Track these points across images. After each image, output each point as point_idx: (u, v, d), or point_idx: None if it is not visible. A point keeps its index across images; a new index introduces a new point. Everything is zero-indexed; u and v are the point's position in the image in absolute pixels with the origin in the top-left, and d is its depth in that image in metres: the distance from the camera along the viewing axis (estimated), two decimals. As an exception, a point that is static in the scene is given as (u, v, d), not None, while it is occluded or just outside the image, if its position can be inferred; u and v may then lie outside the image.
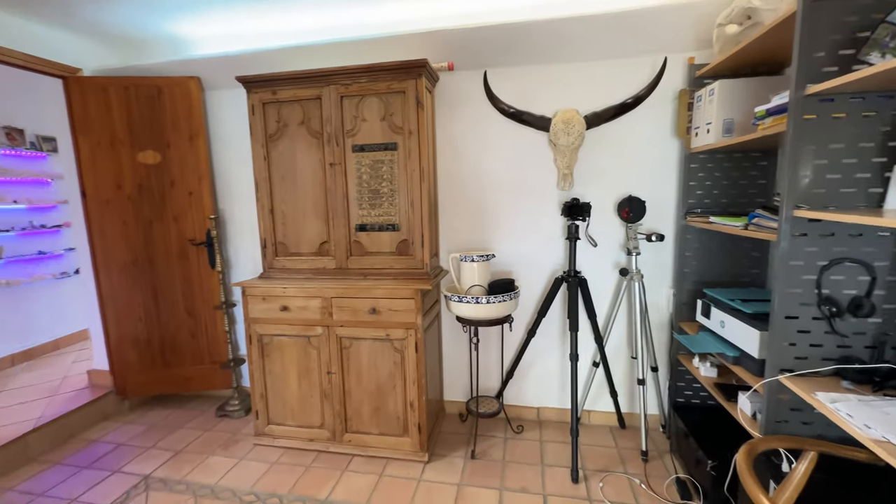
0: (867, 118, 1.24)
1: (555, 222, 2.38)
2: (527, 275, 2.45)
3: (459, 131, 2.42)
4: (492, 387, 2.60)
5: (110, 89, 2.50)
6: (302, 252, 2.34)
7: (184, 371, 2.79)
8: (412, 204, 2.18)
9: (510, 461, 2.18)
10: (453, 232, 2.52)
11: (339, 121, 2.19)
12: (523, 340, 2.43)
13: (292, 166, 2.28)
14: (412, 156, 2.14)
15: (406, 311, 2.09)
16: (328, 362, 2.21)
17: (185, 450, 2.35)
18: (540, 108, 2.27)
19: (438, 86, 2.39)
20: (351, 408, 2.23)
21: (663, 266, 2.31)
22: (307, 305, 2.20)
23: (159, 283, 2.68)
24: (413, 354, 2.11)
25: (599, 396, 2.49)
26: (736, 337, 1.68)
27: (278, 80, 2.19)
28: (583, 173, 2.31)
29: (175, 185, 2.60)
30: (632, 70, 2.17)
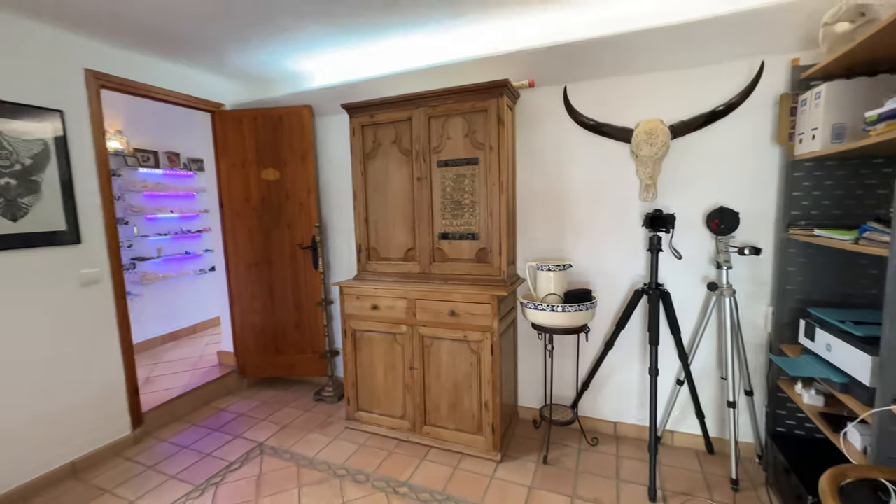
0: None
1: (636, 234, 2.35)
2: (605, 286, 2.44)
3: (539, 144, 2.50)
4: (566, 396, 2.61)
5: (244, 119, 3.03)
6: (391, 257, 2.60)
7: (289, 358, 3.22)
8: (491, 214, 2.31)
9: (583, 471, 2.18)
10: (531, 241, 2.60)
11: (426, 139, 2.41)
12: (600, 352, 2.41)
13: (384, 180, 2.56)
14: (492, 169, 2.28)
15: (483, 315, 2.22)
16: (411, 358, 2.42)
17: (289, 425, 2.72)
18: (622, 119, 2.27)
19: (519, 102, 2.51)
20: (430, 402, 2.41)
21: (761, 282, 2.15)
22: (394, 305, 2.44)
23: (274, 282, 3.15)
24: (488, 357, 2.23)
25: (684, 417, 2.37)
26: (844, 362, 1.53)
27: (376, 106, 2.49)
28: (667, 184, 2.25)
29: (289, 198, 3.06)
30: (723, 76, 2.08)
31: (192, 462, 2.35)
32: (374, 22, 2.19)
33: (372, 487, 2.09)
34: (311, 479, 2.17)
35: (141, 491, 2.11)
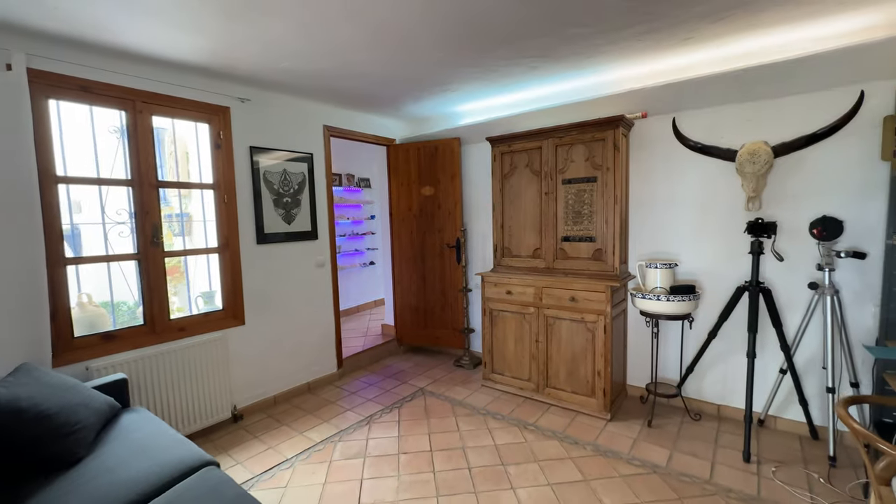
0: None
1: (740, 239, 2.70)
2: (710, 284, 2.83)
3: (649, 164, 3.00)
4: (671, 378, 3.02)
5: (410, 149, 4.07)
6: (521, 255, 3.33)
7: (435, 332, 4.16)
8: (606, 221, 2.89)
9: (684, 436, 2.61)
10: (642, 244, 3.09)
11: (553, 162, 3.09)
12: (704, 341, 2.80)
13: (518, 195, 3.31)
14: (608, 186, 2.86)
15: (598, 302, 2.81)
16: (536, 333, 3.11)
17: (439, 379, 3.62)
18: (727, 141, 2.67)
19: (634, 130, 3.05)
20: (551, 369, 3.07)
21: (868, 284, 2.36)
22: (524, 292, 3.15)
23: (426, 272, 4.12)
24: (602, 335, 2.81)
25: (788, 404, 2.63)
26: (927, 348, 1.80)
27: (513, 138, 3.26)
28: (773, 196, 2.58)
29: (440, 208, 4.00)
30: (824, 102, 2.37)
31: (378, 393, 3.36)
32: (518, 79, 2.96)
33: (507, 423, 2.83)
34: (462, 413, 2.99)
35: (353, 404, 3.17)
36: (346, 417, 2.97)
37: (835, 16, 2.09)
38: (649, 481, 2.17)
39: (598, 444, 2.54)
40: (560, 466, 2.32)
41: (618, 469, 2.28)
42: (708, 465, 2.31)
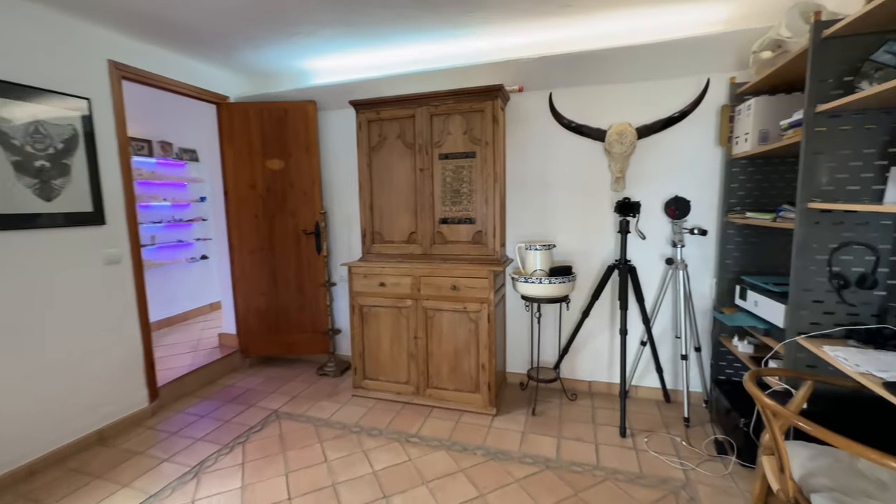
0: (869, 130, 1.56)
1: (608, 219, 2.77)
2: (582, 263, 2.85)
3: (525, 141, 2.88)
4: (548, 360, 3.00)
5: (250, 111, 3.21)
6: (394, 240, 2.89)
7: (292, 337, 3.44)
8: (486, 201, 2.66)
9: (566, 419, 2.57)
10: (519, 226, 2.97)
11: (428, 134, 2.72)
12: (578, 320, 2.82)
13: (389, 171, 2.85)
14: (487, 162, 2.62)
15: (481, 289, 2.56)
16: (415, 329, 2.73)
17: (299, 395, 2.95)
18: (597, 121, 2.68)
19: (510, 104, 2.87)
20: (432, 367, 2.73)
21: (707, 258, 2.62)
22: (400, 282, 2.73)
23: (277, 266, 3.35)
24: (485, 324, 2.57)
25: (646, 373, 2.82)
26: (766, 313, 2.00)
27: (381, 103, 2.77)
28: (634, 177, 2.68)
29: (293, 187, 3.27)
30: (678, 88, 2.53)
31: (214, 427, 2.54)
32: (387, 30, 2.47)
33: (386, 439, 2.39)
34: (330, 435, 2.43)
35: (172, 451, 2.30)
36: (162, 473, 2.12)
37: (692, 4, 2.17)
38: (544, 480, 2.00)
39: (487, 446, 2.30)
40: (451, 484, 1.99)
41: (512, 472, 2.07)
42: (593, 448, 2.27)
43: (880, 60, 1.36)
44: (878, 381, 1.28)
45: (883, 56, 1.36)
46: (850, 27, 1.48)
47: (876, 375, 1.31)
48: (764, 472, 1.40)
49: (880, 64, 1.36)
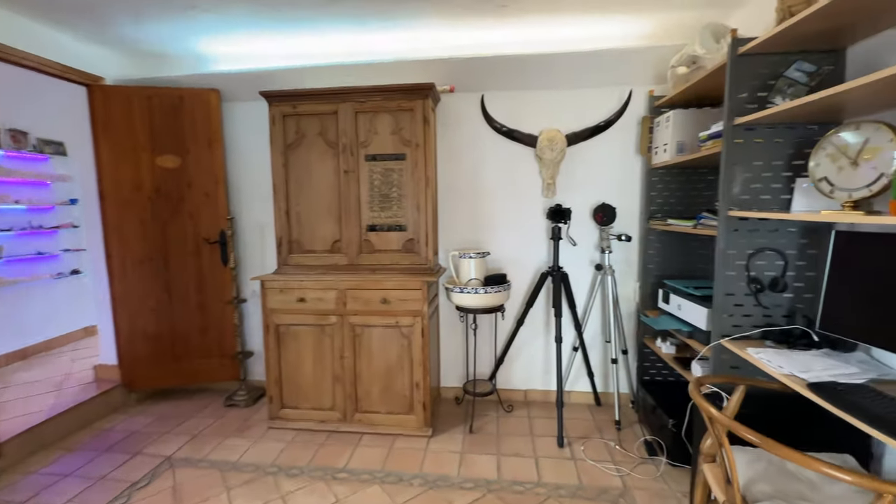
0: (777, 143, 1.67)
1: (540, 225, 2.75)
2: (516, 271, 2.80)
3: (457, 145, 2.76)
4: (483, 372, 2.90)
5: (133, 98, 2.69)
6: (316, 249, 2.59)
7: (192, 364, 2.93)
8: (418, 207, 2.48)
9: (504, 434, 2.47)
10: (451, 233, 2.84)
11: (353, 133, 2.48)
12: (513, 329, 2.76)
13: (308, 172, 2.54)
14: (419, 165, 2.45)
15: (413, 301, 2.37)
16: (341, 348, 2.45)
17: (200, 434, 2.50)
18: (528, 127, 2.65)
19: (441, 105, 2.74)
20: (361, 389, 2.47)
21: (631, 263, 2.72)
22: (323, 297, 2.44)
23: (173, 280, 2.84)
24: (419, 339, 2.39)
25: (578, 378, 2.84)
26: (690, 316, 2.08)
27: (299, 96, 2.47)
28: (564, 183, 2.69)
29: (192, 187, 2.80)
30: (604, 98, 2.60)
31: (81, 489, 2.02)
32: (306, 12, 2.20)
33: (309, 478, 2.08)
34: (239, 481, 2.06)
35: (16, 529, 1.77)
36: (-3, 562, 1.60)
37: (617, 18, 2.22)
38: (487, 506, 1.87)
39: (425, 473, 2.11)
40: (386, 525, 1.77)
41: (453, 502, 1.90)
42: (533, 462, 2.19)
43: (792, 77, 1.45)
44: (802, 382, 1.33)
45: (794, 73, 1.44)
46: (763, 46, 1.57)
47: (799, 377, 1.37)
48: (705, 481, 1.39)
49: (792, 80, 1.45)
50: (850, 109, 1.48)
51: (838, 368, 1.40)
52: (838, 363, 1.44)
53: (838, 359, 1.49)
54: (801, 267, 1.71)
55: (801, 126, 1.64)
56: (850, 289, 1.43)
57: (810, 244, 1.70)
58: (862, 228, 1.47)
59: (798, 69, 1.44)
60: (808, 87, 1.44)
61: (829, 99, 1.33)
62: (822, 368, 1.40)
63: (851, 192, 1.35)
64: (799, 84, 1.43)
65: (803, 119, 1.60)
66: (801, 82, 1.43)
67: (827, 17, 1.35)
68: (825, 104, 1.39)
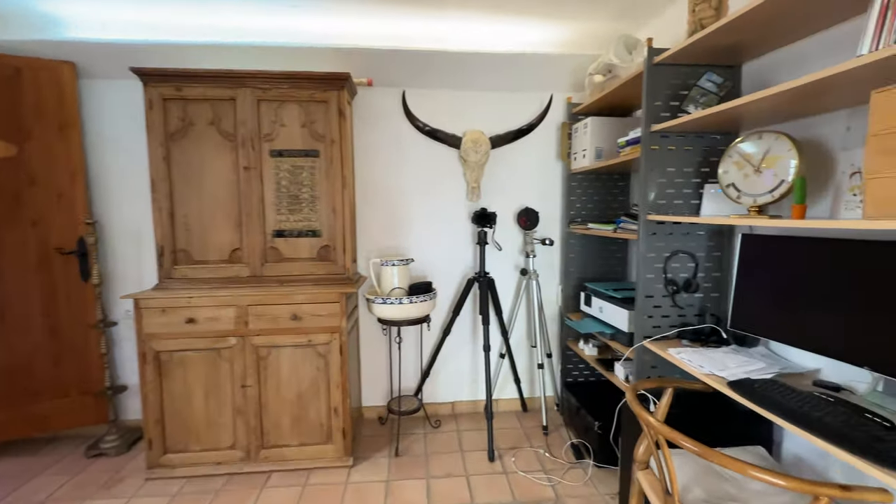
0: (687, 151, 1.75)
1: (465, 230, 2.65)
2: (441, 278, 2.66)
3: (376, 143, 2.55)
4: (409, 388, 2.72)
5: (-58, 64, 2.04)
6: (209, 260, 2.19)
7: (38, 406, 2.31)
8: (334, 210, 2.23)
9: (432, 453, 2.31)
10: (371, 239, 2.61)
11: (255, 124, 2.14)
12: (439, 339, 2.62)
13: (198, 168, 2.15)
14: (334, 164, 2.20)
15: (330, 316, 2.11)
16: (243, 375, 2.09)
17: (52, 497, 1.95)
18: (452, 127, 2.54)
19: (358, 99, 2.51)
20: (268, 421, 2.13)
21: (553, 266, 2.74)
22: (218, 315, 2.06)
23: (7, 301, 2.20)
24: (337, 358, 2.13)
25: (505, 385, 2.79)
26: (611, 318, 2.12)
27: (185, 77, 2.07)
28: (489, 187, 2.63)
29: (36, 184, 2.21)
30: (527, 102, 2.59)
31: None
32: (187, -24, 1.83)
33: (200, 538, 1.71)
34: (101, 558, 1.61)
35: None
36: None
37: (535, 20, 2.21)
38: (417, 541, 1.69)
39: (345, 511, 1.86)
40: (300, 586, 1.49)
41: (378, 542, 1.68)
42: (464, 482, 2.06)
43: (704, 87, 1.51)
44: (723, 381, 1.37)
45: (706, 83, 1.51)
46: (676, 57, 1.63)
47: (718, 375, 1.41)
48: (640, 489, 1.37)
49: (705, 90, 1.51)
50: (747, 121, 1.59)
51: (749, 365, 1.48)
52: (747, 359, 1.53)
53: (745, 354, 1.58)
54: (708, 268, 1.82)
55: (707, 135, 1.74)
56: (756, 289, 1.52)
57: (715, 247, 1.81)
58: (765, 231, 1.58)
59: (709, 79, 1.51)
60: (719, 97, 1.51)
61: (732, 111, 1.40)
62: (735, 366, 1.47)
63: (756, 197, 1.43)
64: (710, 93, 1.50)
65: (709, 129, 1.69)
66: (713, 92, 1.49)
67: (732, 32, 1.42)
68: (727, 115, 1.47)
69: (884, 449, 0.95)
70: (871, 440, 0.99)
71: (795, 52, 1.48)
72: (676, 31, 1.92)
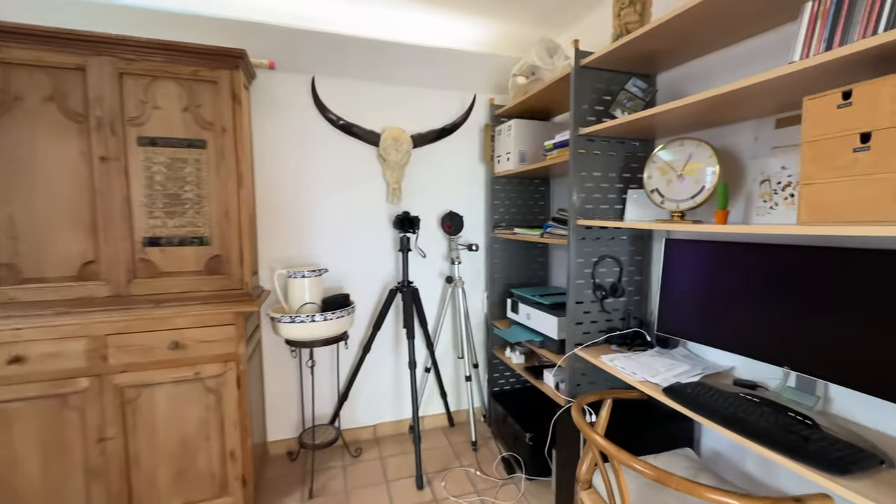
0: (611, 156, 1.76)
1: (386, 235, 2.43)
2: (359, 289, 2.40)
3: (282, 137, 2.22)
4: (325, 413, 2.40)
5: None
6: (48, 277, 1.66)
7: None
8: (227, 213, 1.85)
9: (354, 488, 2.04)
10: (276, 246, 2.25)
11: (115, 104, 1.69)
12: (358, 358, 2.35)
13: (30, 157, 1.62)
14: (227, 157, 1.83)
15: (224, 341, 1.74)
16: (100, 426, 1.61)
17: None
18: (370, 122, 2.31)
19: (257, 84, 2.15)
20: (140, 480, 1.68)
21: (478, 273, 2.65)
22: (61, 351, 1.57)
23: None
24: (234, 392, 1.76)
25: (430, 401, 2.62)
26: (540, 325, 2.07)
27: (8, 33, 1.55)
28: (410, 189, 2.45)
29: None
30: (450, 101, 2.47)
31: None
32: None
33: None
34: None
35: None
36: None
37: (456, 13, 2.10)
38: None
39: (246, 583, 1.51)
40: None
41: None
42: (391, 519, 1.83)
43: (632, 91, 1.51)
44: (658, 387, 1.36)
45: (632, 88, 1.51)
46: (601, 61, 1.62)
47: (652, 381, 1.40)
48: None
49: (632, 95, 1.51)
50: (663, 130, 1.64)
51: (676, 368, 1.50)
52: (673, 362, 1.55)
53: (669, 357, 1.61)
54: (631, 272, 1.85)
55: (628, 141, 1.77)
56: (679, 292, 1.56)
57: (637, 251, 1.85)
58: (687, 236, 1.62)
59: (635, 84, 1.51)
60: (645, 102, 1.52)
61: (653, 117, 1.41)
62: (665, 370, 1.48)
63: (679, 202, 1.46)
64: (637, 98, 1.50)
65: (631, 135, 1.72)
66: (639, 97, 1.50)
67: (655, 39, 1.43)
68: (648, 122, 1.49)
69: (816, 450, 0.97)
70: (802, 441, 1.00)
71: (704, 66, 1.56)
72: (594, 38, 1.94)
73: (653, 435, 1.61)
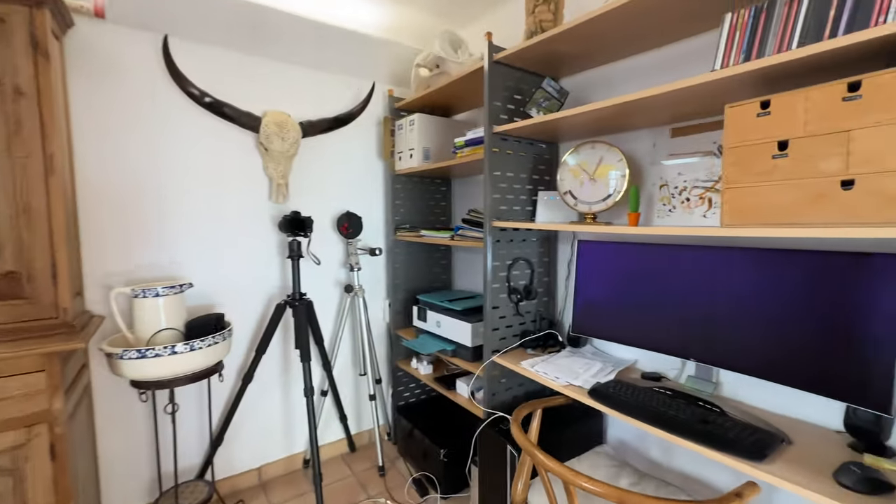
0: (522, 156, 1.73)
1: (270, 239, 2.04)
2: (237, 306, 1.97)
3: (120, 111, 1.67)
4: (189, 466, 1.90)
5: None
6: None
7: None
8: (27, 210, 1.30)
9: (235, 555, 1.64)
10: (110, 257, 1.69)
11: None
12: (237, 391, 1.92)
13: None
14: (27, 133, 1.28)
15: (28, 396, 1.20)
16: None
17: None
18: (247, 103, 1.90)
19: (76, 36, 1.57)
20: None
21: (379, 280, 2.43)
22: None
23: None
24: (45, 467, 1.23)
25: (327, 428, 2.31)
26: (452, 333, 1.95)
27: None
28: (299, 185, 2.10)
29: None
30: (345, 88, 2.19)
31: None
32: None
33: None
34: None
35: None
36: None
37: None
38: None
39: None
40: None
41: None
42: (290, 585, 1.51)
43: (548, 90, 1.48)
44: (582, 390, 1.35)
45: (548, 88, 1.48)
46: (514, 58, 1.57)
47: (575, 385, 1.39)
48: (523, 534, 1.20)
49: (549, 94, 1.48)
50: (569, 133, 1.67)
51: (592, 367, 1.52)
52: (587, 361, 1.58)
53: (581, 356, 1.64)
54: (540, 273, 1.85)
55: (537, 143, 1.77)
56: (591, 292, 1.59)
57: (545, 252, 1.86)
58: (599, 238, 1.66)
59: (549, 85, 1.49)
60: (560, 103, 1.51)
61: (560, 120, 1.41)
62: (583, 370, 1.49)
63: (591, 204, 1.49)
64: (553, 98, 1.48)
65: (541, 136, 1.71)
66: (555, 97, 1.48)
67: (569, 40, 1.43)
68: (556, 125, 1.49)
69: (734, 438, 1.03)
70: (722, 431, 1.06)
71: (603, 75, 1.63)
72: (501, 35, 1.90)
73: (570, 436, 1.62)
